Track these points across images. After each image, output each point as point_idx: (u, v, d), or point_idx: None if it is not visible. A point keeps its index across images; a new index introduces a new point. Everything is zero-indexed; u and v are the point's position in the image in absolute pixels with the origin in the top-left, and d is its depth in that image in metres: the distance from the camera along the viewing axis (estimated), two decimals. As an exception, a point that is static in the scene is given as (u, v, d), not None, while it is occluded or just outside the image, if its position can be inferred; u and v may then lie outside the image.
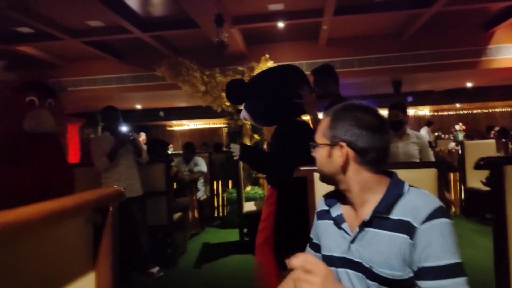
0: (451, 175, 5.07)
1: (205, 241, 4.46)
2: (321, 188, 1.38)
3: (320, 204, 1.18)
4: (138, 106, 10.16)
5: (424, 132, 10.63)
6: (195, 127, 14.07)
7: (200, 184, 5.40)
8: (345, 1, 4.69)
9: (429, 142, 10.20)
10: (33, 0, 4.21)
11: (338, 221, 1.06)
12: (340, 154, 1.00)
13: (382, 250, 0.94)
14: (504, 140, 4.75)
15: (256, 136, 6.18)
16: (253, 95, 2.20)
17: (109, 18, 5.00)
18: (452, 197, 4.93)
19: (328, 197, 1.15)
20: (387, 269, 0.93)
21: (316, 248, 1.16)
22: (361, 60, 6.52)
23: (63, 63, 7.06)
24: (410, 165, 1.55)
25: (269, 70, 2.49)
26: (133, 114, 10.80)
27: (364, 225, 0.98)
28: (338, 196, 1.10)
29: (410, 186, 1.01)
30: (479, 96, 10.76)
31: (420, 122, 13.15)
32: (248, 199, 5.09)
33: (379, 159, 1.00)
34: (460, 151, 4.86)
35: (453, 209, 4.93)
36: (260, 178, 5.87)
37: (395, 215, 0.95)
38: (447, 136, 11.06)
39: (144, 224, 3.24)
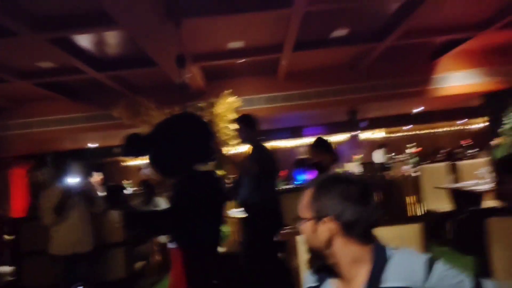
0: (410, 198, 5.25)
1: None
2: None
3: (308, 281, 1.13)
4: (92, 145, 9.66)
5: (378, 154, 11.06)
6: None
7: (163, 227, 5.12)
8: (303, 37, 4.83)
9: (383, 164, 10.68)
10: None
11: None
12: (325, 229, 0.98)
13: None
14: (452, 163, 5.01)
15: (220, 172, 6.05)
16: (150, 147, 2.15)
17: (61, 59, 4.76)
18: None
19: (315, 272, 1.11)
20: None
21: None
22: (319, 92, 6.72)
23: (12, 106, 6.59)
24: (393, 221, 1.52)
25: (167, 120, 2.40)
26: (86, 153, 10.25)
27: None
28: (326, 269, 1.07)
29: (391, 248, 1.00)
30: (426, 119, 11.53)
31: (374, 145, 13.74)
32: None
33: (365, 232, 0.99)
34: (413, 174, 5.06)
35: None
36: (225, 216, 5.72)
37: (387, 283, 0.94)
38: (400, 156, 11.60)
39: (92, 283, 2.96)
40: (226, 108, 5.69)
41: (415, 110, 10.39)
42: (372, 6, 4.39)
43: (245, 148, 6.40)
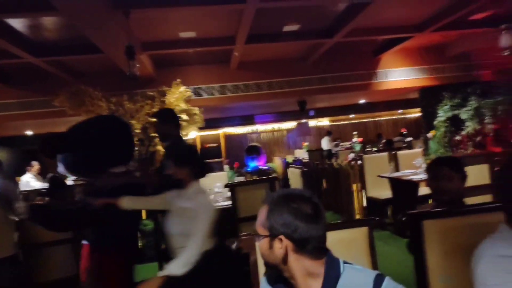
0: (355, 185, 5.57)
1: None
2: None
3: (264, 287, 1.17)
4: (29, 132, 8.96)
5: (325, 142, 11.52)
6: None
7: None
8: (255, 30, 4.83)
9: (330, 151, 11.15)
10: None
11: None
12: (280, 246, 1.02)
13: None
14: (393, 152, 5.39)
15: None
16: (69, 148, 2.19)
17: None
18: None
19: (272, 281, 1.15)
20: None
21: None
22: (271, 83, 6.80)
23: None
24: (341, 225, 1.63)
25: (85, 122, 2.45)
26: (22, 140, 9.48)
27: None
28: (281, 279, 1.11)
29: (344, 262, 1.05)
30: (369, 109, 12.19)
31: (321, 132, 14.28)
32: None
33: (317, 247, 1.03)
34: (359, 163, 5.37)
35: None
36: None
37: None
38: (346, 143, 12.19)
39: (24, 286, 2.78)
40: (177, 98, 5.58)
41: (360, 101, 10.93)
42: (322, 5, 4.50)
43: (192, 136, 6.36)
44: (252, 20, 4.28)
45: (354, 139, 10.89)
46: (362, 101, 10.98)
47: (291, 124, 14.14)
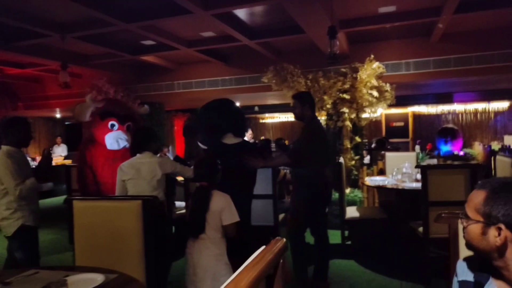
0: None
1: (306, 240, 4.62)
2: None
3: (462, 272, 1.14)
4: (237, 104, 10.68)
5: None
6: (285, 119, 14.29)
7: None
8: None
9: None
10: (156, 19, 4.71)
11: None
12: (496, 234, 0.98)
13: None
14: None
15: (357, 138, 6.07)
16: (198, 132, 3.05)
17: (220, 29, 5.33)
18: None
19: (474, 268, 1.11)
20: None
21: None
22: (480, 56, 5.88)
23: (175, 67, 7.76)
24: None
25: (206, 107, 3.04)
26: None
27: None
28: (485, 268, 1.07)
29: None
30: None
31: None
32: (348, 203, 5.09)
33: None
34: None
35: None
36: (360, 180, 5.80)
37: None
38: None
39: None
40: (369, 74, 5.57)
41: None
42: None
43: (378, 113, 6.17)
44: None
45: None
46: None
47: (502, 105, 11.84)
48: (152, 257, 2.14)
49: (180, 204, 4.57)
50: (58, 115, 11.28)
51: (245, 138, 3.28)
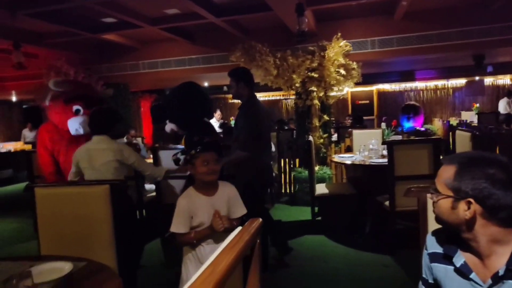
0: None
1: (277, 217, 4.66)
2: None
3: (432, 245, 1.17)
4: (206, 84, 10.47)
5: (503, 104, 9.77)
6: (255, 99, 14.23)
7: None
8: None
9: (510, 116, 9.47)
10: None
11: (465, 272, 1.05)
12: (466, 208, 0.99)
13: None
14: None
15: (325, 117, 6.15)
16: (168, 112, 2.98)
17: (185, 6, 5.14)
18: None
19: (442, 241, 1.14)
20: None
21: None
22: (441, 34, 6.06)
23: (140, 46, 7.45)
24: None
25: (175, 90, 3.04)
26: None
27: (498, 278, 0.99)
28: (453, 240, 1.09)
29: None
30: None
31: (499, 92, 12.09)
32: (317, 180, 5.20)
33: (510, 216, 0.98)
34: None
35: None
36: (329, 158, 5.93)
37: None
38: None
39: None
40: (336, 52, 5.60)
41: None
42: None
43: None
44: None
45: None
46: None
47: (459, 82, 12.39)
48: (122, 243, 2.08)
49: (150, 187, 4.48)
50: (14, 98, 10.61)
51: (214, 119, 3.24)
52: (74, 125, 3.12)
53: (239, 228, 1.09)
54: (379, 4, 5.64)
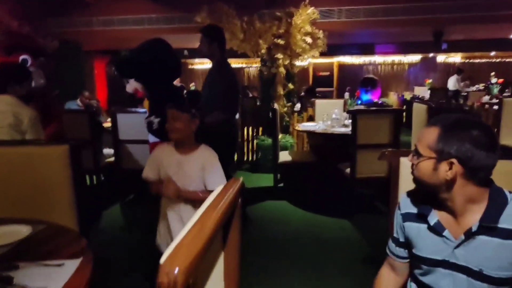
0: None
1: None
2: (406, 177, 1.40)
3: (405, 205, 1.21)
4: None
5: (453, 80, 10.34)
6: (216, 66, 13.88)
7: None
8: None
9: (457, 92, 10.08)
10: None
11: (438, 229, 1.10)
12: (447, 169, 1.02)
13: (493, 255, 1.03)
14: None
15: (290, 85, 6.14)
16: (135, 68, 2.50)
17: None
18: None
19: (416, 201, 1.17)
20: (499, 271, 1.04)
21: (404, 246, 1.25)
22: (405, 8, 6.16)
23: (94, 1, 6.86)
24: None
25: (145, 44, 2.63)
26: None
27: (471, 233, 1.05)
28: (427, 200, 1.14)
29: (510, 192, 1.06)
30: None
31: (450, 69, 12.74)
32: (280, 148, 5.26)
33: (487, 176, 1.04)
34: (495, 107, 4.76)
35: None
36: (292, 126, 5.99)
37: (503, 224, 1.02)
38: (475, 87, 10.77)
39: None
40: (303, 20, 5.53)
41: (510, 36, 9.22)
42: None
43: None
44: None
45: (493, 80, 9.52)
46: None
47: (414, 58, 12.87)
48: (83, 206, 1.97)
49: (108, 151, 4.28)
50: None
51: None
52: None
53: (221, 186, 1.05)
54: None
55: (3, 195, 1.89)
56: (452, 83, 10.34)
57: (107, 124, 4.40)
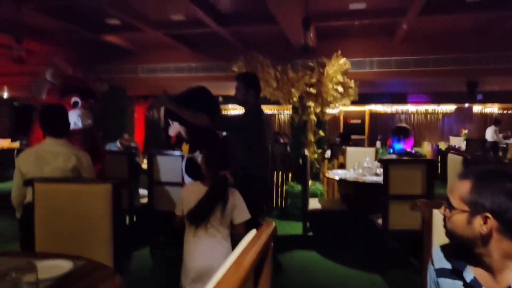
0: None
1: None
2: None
3: (439, 260, 1.16)
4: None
5: (491, 131, 10.02)
6: (249, 112, 14.25)
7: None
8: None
9: (496, 144, 9.70)
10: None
11: (475, 287, 1.04)
12: (482, 223, 0.99)
13: None
14: None
15: (321, 132, 6.20)
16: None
17: (191, 12, 5.18)
18: None
19: (450, 256, 1.13)
20: None
21: None
22: (437, 59, 6.23)
23: (139, 50, 7.44)
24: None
25: (187, 92, 3.05)
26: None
27: None
28: (461, 254, 1.09)
29: None
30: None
31: (487, 120, 12.40)
32: (310, 195, 5.21)
33: None
34: None
35: None
36: (322, 173, 5.95)
37: None
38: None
39: None
40: (335, 70, 5.69)
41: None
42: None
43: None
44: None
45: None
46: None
47: (449, 108, 12.67)
48: (120, 243, 2.04)
49: (143, 192, 4.42)
50: (5, 95, 10.43)
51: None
52: (73, 118, 3.05)
53: (254, 230, 1.09)
54: (380, 25, 5.78)
55: (49, 228, 2.01)
56: (490, 134, 10.03)
57: (144, 165, 4.58)
